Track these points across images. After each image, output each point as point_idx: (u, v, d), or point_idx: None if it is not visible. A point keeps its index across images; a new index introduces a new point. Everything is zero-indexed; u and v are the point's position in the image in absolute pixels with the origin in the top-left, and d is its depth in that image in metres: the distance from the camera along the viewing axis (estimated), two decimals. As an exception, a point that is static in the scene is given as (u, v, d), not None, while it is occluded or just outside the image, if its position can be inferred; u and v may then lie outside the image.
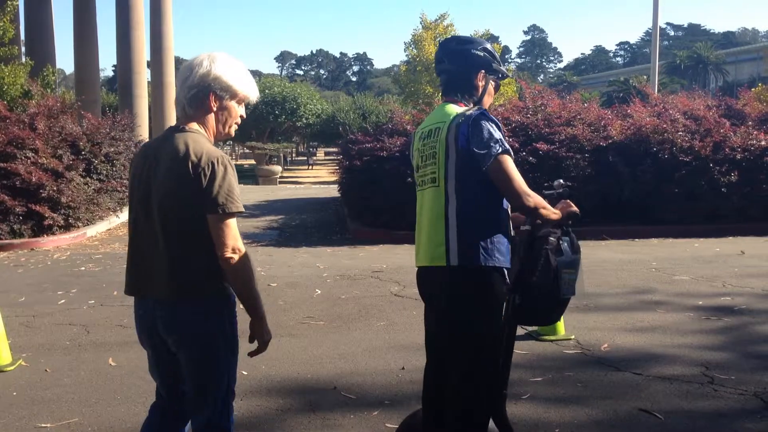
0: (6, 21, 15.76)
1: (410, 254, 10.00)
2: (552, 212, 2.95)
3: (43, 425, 4.01)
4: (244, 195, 20.59)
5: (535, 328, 5.76)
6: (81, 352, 5.39)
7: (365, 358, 5.17)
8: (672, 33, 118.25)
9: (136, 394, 4.48)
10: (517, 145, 11.45)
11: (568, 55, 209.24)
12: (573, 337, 5.59)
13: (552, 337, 5.55)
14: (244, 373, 4.87)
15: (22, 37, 21.06)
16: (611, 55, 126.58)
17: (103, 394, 4.50)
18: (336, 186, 15.43)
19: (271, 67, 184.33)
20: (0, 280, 8.26)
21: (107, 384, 4.68)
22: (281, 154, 40.04)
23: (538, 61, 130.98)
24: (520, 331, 5.78)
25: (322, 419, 4.08)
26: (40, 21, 21.04)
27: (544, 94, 13.04)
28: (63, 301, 7.11)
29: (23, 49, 20.81)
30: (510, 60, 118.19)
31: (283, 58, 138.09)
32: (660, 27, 23.81)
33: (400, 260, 9.16)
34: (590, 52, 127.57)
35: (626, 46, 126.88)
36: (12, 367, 4.98)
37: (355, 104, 42.27)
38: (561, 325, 5.62)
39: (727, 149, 11.55)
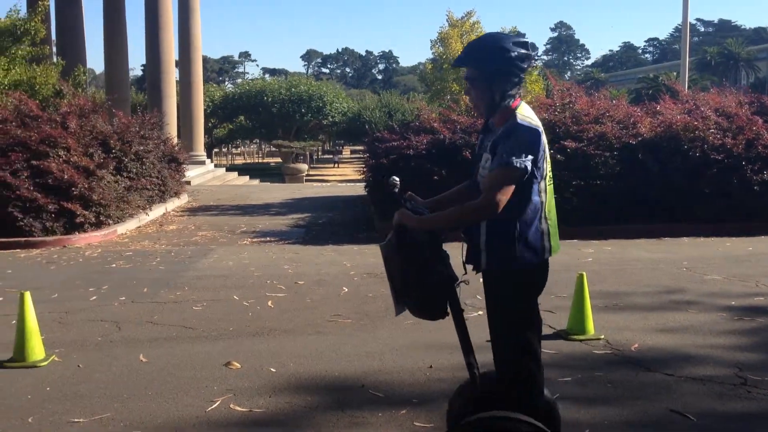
0: (37, 21, 16.02)
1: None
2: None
3: (75, 420, 4.06)
4: (270, 193, 20.84)
5: (563, 327, 5.72)
6: (112, 348, 5.46)
7: (393, 356, 5.18)
8: (702, 29, 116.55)
9: (166, 390, 4.53)
10: (544, 142, 11.35)
11: (596, 52, 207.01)
12: (602, 336, 5.54)
13: (581, 337, 5.50)
14: (272, 370, 4.90)
15: (53, 37, 21.39)
16: (640, 51, 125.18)
17: (134, 389, 4.56)
18: (362, 184, 15.43)
19: (297, 66, 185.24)
20: (33, 276, 8.40)
21: (138, 380, 4.74)
22: (307, 153, 40.16)
23: (565, 58, 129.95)
24: (548, 330, 5.76)
25: (350, 417, 4.09)
26: (71, 21, 21.34)
27: (572, 91, 12.91)
28: (95, 297, 7.20)
29: (54, 49, 21.14)
30: (536, 57, 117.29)
31: (309, 56, 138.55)
32: (690, 23, 23.47)
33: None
34: (618, 49, 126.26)
35: (655, 43, 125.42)
36: (45, 363, 5.05)
37: (381, 102, 42.26)
38: (590, 325, 5.57)
39: (759, 147, 11.36)
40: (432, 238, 3.01)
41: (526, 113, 2.94)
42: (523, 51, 2.92)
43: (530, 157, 2.83)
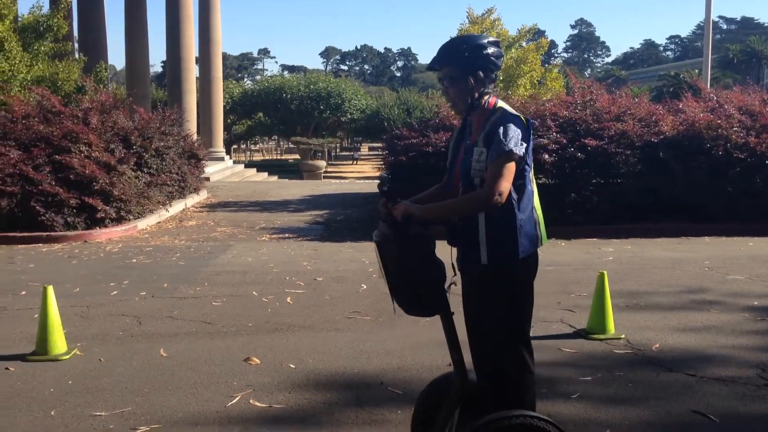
0: (60, 17, 16.17)
1: (454, 249, 9.97)
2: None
3: (97, 413, 4.10)
4: (289, 189, 20.86)
5: (584, 326, 5.69)
6: (133, 343, 5.50)
7: (412, 353, 5.17)
8: (724, 26, 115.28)
9: (186, 385, 4.56)
10: (564, 140, 11.30)
11: (617, 50, 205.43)
12: (623, 336, 5.50)
13: (601, 336, 5.46)
14: (291, 366, 4.92)
15: (75, 33, 21.59)
16: (661, 49, 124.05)
17: (155, 384, 4.59)
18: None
19: (316, 63, 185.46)
20: (55, 271, 8.48)
21: (159, 374, 4.77)
22: (325, 149, 40.21)
23: (585, 56, 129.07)
24: (568, 329, 5.74)
25: (369, 414, 4.09)
26: (93, 17, 21.50)
27: (593, 88, 12.81)
28: (115, 292, 7.26)
29: (76, 45, 21.34)
30: (556, 54, 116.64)
31: (327, 53, 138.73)
32: (712, 20, 23.22)
33: (445, 256, 9.12)
34: (639, 46, 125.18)
35: (677, 40, 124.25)
36: (67, 356, 5.10)
37: (400, 99, 42.17)
38: (611, 324, 5.53)
39: (784, 146, 11.21)
40: (428, 233, 2.99)
41: (509, 107, 3.04)
42: (496, 49, 3.02)
43: (524, 144, 2.91)
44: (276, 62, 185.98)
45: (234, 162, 29.95)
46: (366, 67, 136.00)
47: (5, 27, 15.07)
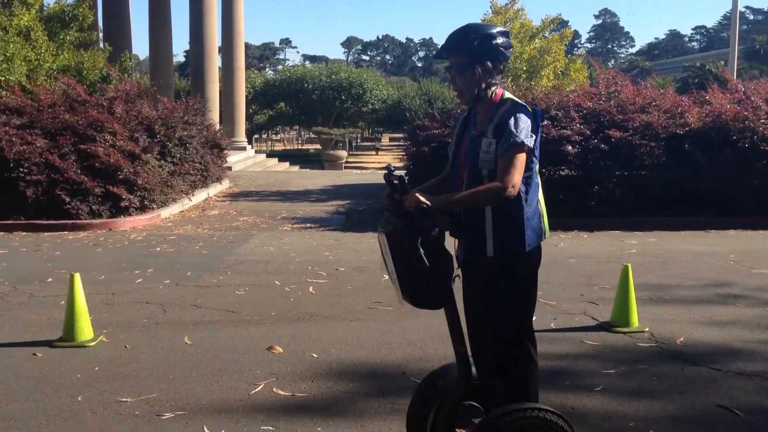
0: (85, 7, 16.31)
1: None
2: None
3: (123, 399, 4.15)
4: (310, 179, 20.90)
5: (607, 319, 5.66)
6: (158, 330, 5.56)
7: (434, 344, 5.17)
8: (751, 17, 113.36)
9: (210, 372, 4.60)
10: (588, 132, 11.21)
11: (641, 40, 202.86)
12: (647, 329, 5.46)
13: (625, 329, 5.43)
14: (314, 355, 4.94)
15: (100, 23, 21.75)
16: (686, 39, 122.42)
17: (179, 371, 4.64)
18: (402, 172, 15.41)
19: (338, 53, 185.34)
20: (81, 258, 8.58)
21: (183, 362, 4.82)
22: (347, 140, 40.25)
23: (609, 46, 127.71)
24: (592, 322, 5.71)
25: (391, 403, 4.10)
26: (117, 7, 21.63)
27: (618, 79, 12.68)
28: (140, 280, 7.34)
29: (101, 35, 21.50)
30: (580, 45, 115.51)
31: (349, 43, 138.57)
32: (739, 10, 22.86)
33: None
34: (664, 37, 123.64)
35: (702, 31, 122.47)
36: (94, 343, 5.17)
37: (421, 90, 42.05)
38: (635, 317, 5.49)
39: (812, 138, 11.04)
40: (438, 224, 2.95)
41: (517, 98, 3.01)
42: (505, 40, 2.97)
43: (534, 137, 2.89)
44: (297, 52, 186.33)
45: (255, 152, 30.08)
46: (387, 57, 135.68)
47: (31, 16, 15.24)
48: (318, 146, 39.54)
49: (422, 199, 2.81)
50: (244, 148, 25.81)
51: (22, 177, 10.91)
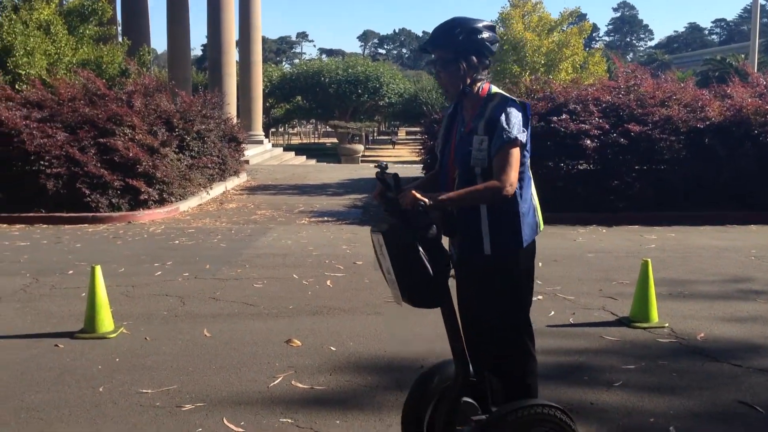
0: (104, 2, 16.43)
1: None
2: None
3: (144, 391, 4.19)
4: (327, 173, 20.92)
5: (626, 314, 5.62)
6: (177, 322, 5.60)
7: (452, 338, 5.16)
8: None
9: (230, 365, 4.63)
10: (607, 126, 11.14)
11: (660, 33, 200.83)
12: (667, 324, 5.42)
13: (645, 325, 5.39)
14: (332, 348, 4.96)
15: (119, 17, 21.88)
16: (706, 32, 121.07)
17: (199, 363, 4.67)
18: (419, 166, 15.40)
19: (354, 47, 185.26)
20: (101, 251, 8.66)
21: (203, 354, 4.85)
22: (363, 133, 40.25)
23: (628, 39, 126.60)
24: (611, 317, 5.68)
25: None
26: (136, 1, 21.76)
27: (637, 73, 12.58)
28: (159, 272, 7.39)
29: (119, 29, 21.64)
30: (598, 38, 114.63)
31: (365, 37, 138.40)
32: (760, 3, 22.57)
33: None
34: (684, 30, 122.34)
35: (722, 24, 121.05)
36: (114, 335, 5.22)
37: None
38: (654, 312, 5.46)
39: (835, 132, 10.90)
40: (434, 222, 2.87)
41: (505, 92, 2.95)
42: (491, 34, 2.90)
43: (525, 131, 2.84)
44: (314, 46, 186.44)
45: (272, 145, 30.17)
46: (404, 50, 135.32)
47: (51, 10, 15.37)
48: (334, 140, 39.61)
49: (419, 196, 2.71)
50: (261, 142, 25.89)
51: (42, 170, 11.02)
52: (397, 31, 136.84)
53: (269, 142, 30.72)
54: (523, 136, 2.82)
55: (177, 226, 10.56)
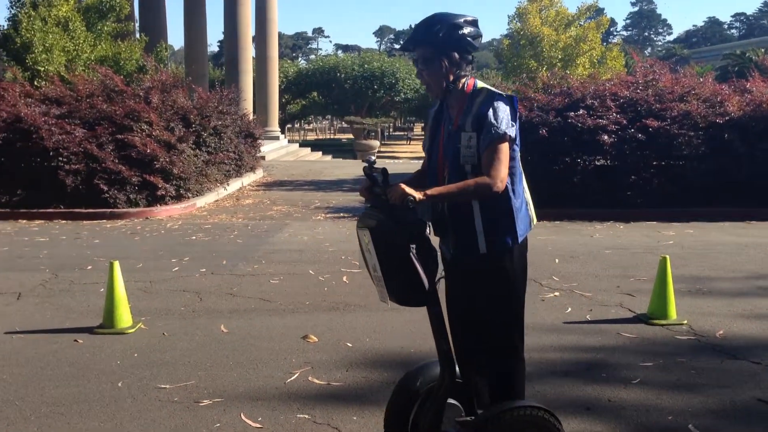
0: (122, -2, 16.49)
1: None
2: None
3: (162, 386, 4.22)
4: (343, 169, 20.94)
5: (644, 311, 5.59)
6: (195, 318, 5.63)
7: (468, 334, 5.15)
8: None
9: (247, 360, 4.65)
10: (624, 121, 11.06)
11: (678, 27, 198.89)
12: (685, 322, 5.38)
13: (663, 322, 5.35)
14: (348, 344, 4.97)
15: (136, 14, 21.99)
16: (725, 27, 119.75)
17: (216, 359, 4.69)
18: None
19: (370, 42, 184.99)
20: (119, 247, 8.72)
21: (220, 349, 4.87)
22: (379, 129, 40.23)
23: (646, 34, 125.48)
24: (628, 314, 5.65)
25: (427, 394, 4.10)
26: (153, -2, 21.85)
27: (656, 67, 12.47)
28: (176, 268, 7.43)
29: (137, 25, 21.75)
30: (615, 33, 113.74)
31: (381, 32, 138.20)
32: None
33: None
34: (703, 24, 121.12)
35: (742, 18, 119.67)
36: (133, 330, 5.26)
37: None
38: (673, 309, 5.42)
39: None
40: (422, 219, 2.82)
41: (491, 87, 2.89)
42: (473, 29, 2.83)
43: (514, 125, 2.79)
44: (330, 41, 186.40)
45: (288, 141, 30.24)
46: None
47: (69, 7, 15.48)
48: (350, 136, 39.60)
49: (409, 191, 2.63)
50: (277, 138, 25.96)
51: (61, 166, 11.11)
52: (413, 26, 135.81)
53: (285, 138, 30.80)
54: (512, 131, 2.76)
55: (194, 222, 10.62)
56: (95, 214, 10.93)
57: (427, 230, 2.80)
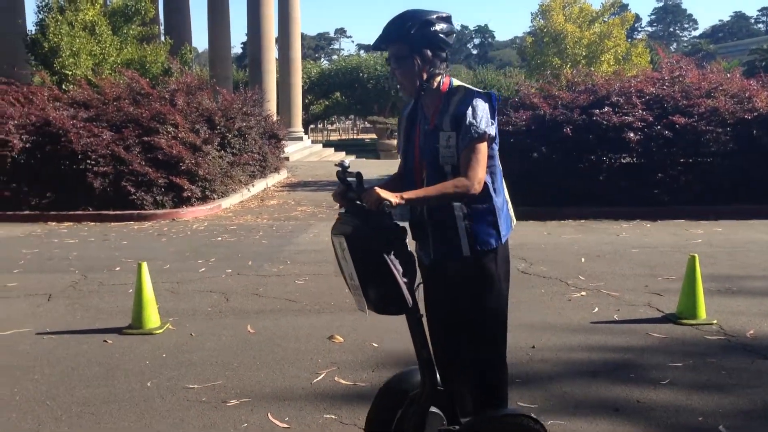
0: (147, 2, 16.69)
1: (536, 230, 9.77)
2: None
3: (190, 386, 4.26)
4: (367, 169, 20.87)
5: (673, 310, 5.52)
6: (222, 319, 5.68)
7: (494, 334, 5.13)
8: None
9: (273, 361, 4.67)
10: (650, 118, 10.95)
11: (704, 22, 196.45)
12: (715, 321, 5.31)
13: (692, 321, 5.29)
14: (374, 345, 4.97)
15: (161, 17, 22.23)
16: (752, 21, 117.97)
17: (243, 359, 4.73)
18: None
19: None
20: (147, 248, 8.82)
21: (247, 350, 4.91)
22: (402, 128, 40.16)
23: (671, 29, 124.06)
24: (657, 313, 5.58)
25: (453, 394, 4.09)
26: (177, 1, 22.06)
27: (682, 63, 12.32)
28: (203, 269, 7.50)
29: (162, 28, 21.98)
30: (640, 28, 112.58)
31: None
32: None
33: (525, 236, 8.99)
34: (729, 19, 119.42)
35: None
36: (160, 330, 5.31)
37: (476, 78, 41.72)
38: (702, 309, 5.35)
39: None
40: (398, 224, 2.71)
41: (469, 85, 2.82)
42: (446, 26, 2.76)
43: (494, 122, 2.73)
44: (352, 42, 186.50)
45: (312, 142, 30.34)
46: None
47: (96, 11, 15.68)
48: (373, 136, 39.64)
49: (385, 195, 2.55)
50: (300, 138, 26.05)
51: (89, 168, 11.26)
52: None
53: (308, 138, 30.92)
54: (491, 129, 2.69)
55: (219, 223, 10.70)
56: (123, 216, 11.06)
57: (406, 235, 2.69)
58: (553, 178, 10.71)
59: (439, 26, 2.74)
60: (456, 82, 2.83)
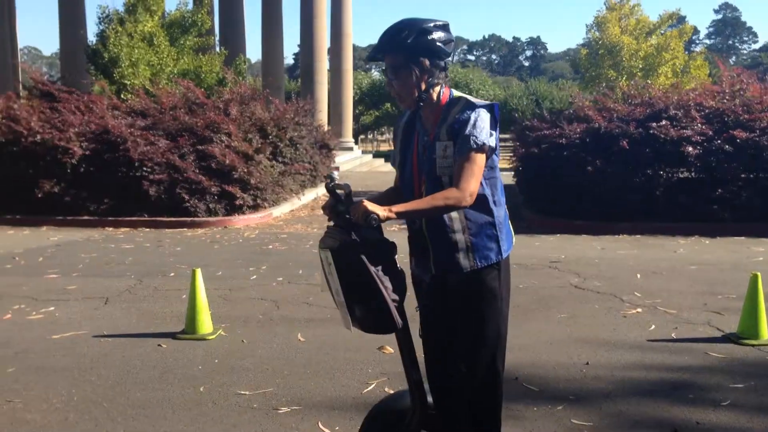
0: (203, 13, 17.05)
1: (590, 244, 9.58)
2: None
3: (242, 392, 4.29)
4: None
5: (734, 330, 5.35)
6: (273, 326, 5.71)
7: (546, 350, 5.05)
8: None
9: (323, 370, 4.68)
10: (710, 132, 10.68)
11: (764, 35, 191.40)
12: (778, 342, 5.12)
13: (754, 342, 5.11)
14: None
15: (216, 28, 22.66)
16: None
17: (293, 367, 4.74)
18: (509, 173, 15.20)
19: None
20: (200, 255, 8.95)
21: (297, 358, 4.92)
22: (452, 140, 40.08)
23: (730, 42, 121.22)
24: (716, 332, 5.41)
25: (505, 409, 3.97)
26: (233, 12, 22.48)
27: (743, 77, 12.00)
28: (255, 277, 7.57)
29: (217, 39, 22.41)
30: (698, 41, 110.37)
31: (455, 43, 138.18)
32: None
33: (579, 251, 8.85)
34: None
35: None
36: (213, 336, 5.37)
37: (528, 90, 41.40)
38: (764, 329, 5.16)
39: None
40: (386, 239, 2.64)
41: (469, 96, 2.73)
42: (444, 34, 2.68)
43: (494, 134, 2.64)
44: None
45: (362, 152, 30.49)
46: (493, 56, 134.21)
47: (154, 23, 16.07)
48: (423, 147, 39.57)
49: (372, 208, 2.46)
50: (351, 149, 26.21)
51: (145, 176, 11.51)
52: (486, 37, 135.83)
53: (358, 148, 31.08)
54: (491, 140, 2.61)
55: (270, 232, 10.80)
56: (176, 223, 11.27)
57: (395, 251, 2.62)
58: (608, 191, 10.52)
59: (436, 34, 2.66)
60: (456, 93, 2.76)
